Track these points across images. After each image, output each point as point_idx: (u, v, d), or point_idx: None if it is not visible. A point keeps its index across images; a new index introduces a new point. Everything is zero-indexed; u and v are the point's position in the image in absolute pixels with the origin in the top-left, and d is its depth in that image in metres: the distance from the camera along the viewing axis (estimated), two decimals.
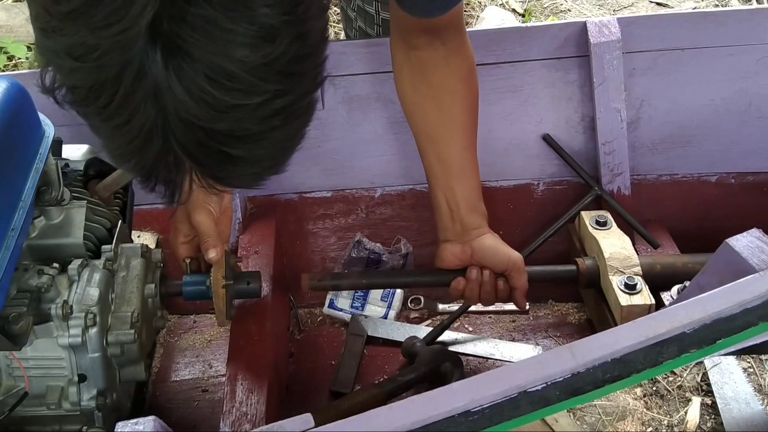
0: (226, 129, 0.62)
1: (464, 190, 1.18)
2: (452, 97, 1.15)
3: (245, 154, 0.65)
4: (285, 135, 0.67)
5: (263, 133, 0.64)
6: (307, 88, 0.67)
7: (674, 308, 0.82)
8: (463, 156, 1.18)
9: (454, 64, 1.14)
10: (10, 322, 0.94)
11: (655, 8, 2.71)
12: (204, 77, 0.59)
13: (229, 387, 1.18)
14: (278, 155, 0.70)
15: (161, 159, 0.64)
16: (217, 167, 0.66)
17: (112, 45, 0.58)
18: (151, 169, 0.66)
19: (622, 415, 1.35)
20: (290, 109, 0.65)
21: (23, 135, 1.01)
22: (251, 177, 0.70)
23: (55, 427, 1.06)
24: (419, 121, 1.18)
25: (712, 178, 1.53)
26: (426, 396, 0.75)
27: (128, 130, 0.62)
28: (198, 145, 0.63)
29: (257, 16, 0.59)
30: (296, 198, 1.54)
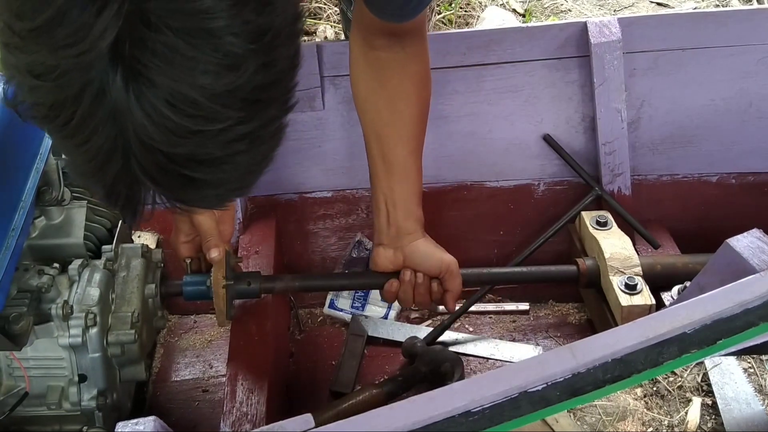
0: (187, 153, 0.62)
1: (403, 194, 1.18)
2: (405, 100, 1.15)
3: (208, 177, 0.64)
4: (251, 159, 0.66)
5: (226, 157, 0.64)
6: (274, 114, 0.66)
7: (675, 308, 0.82)
8: (407, 159, 1.17)
9: (411, 69, 1.15)
10: (11, 322, 0.94)
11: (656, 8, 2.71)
12: (164, 102, 0.59)
13: (229, 387, 1.18)
14: (243, 178, 0.69)
15: (121, 179, 0.63)
16: (178, 190, 0.65)
17: (72, 66, 0.57)
18: (111, 188, 0.65)
19: (623, 415, 1.35)
20: (255, 134, 0.64)
21: (24, 135, 1.01)
22: (214, 199, 0.69)
23: (55, 427, 1.06)
24: (370, 119, 1.18)
25: (713, 178, 1.53)
26: (426, 396, 0.75)
27: (87, 150, 0.62)
28: (158, 169, 0.62)
29: (222, 44, 0.58)
30: (296, 198, 1.54)
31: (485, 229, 1.57)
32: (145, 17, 0.56)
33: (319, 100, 1.46)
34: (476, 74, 1.45)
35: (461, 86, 1.47)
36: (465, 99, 1.47)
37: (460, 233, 1.55)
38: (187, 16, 0.57)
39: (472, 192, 1.55)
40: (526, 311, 1.55)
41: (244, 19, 0.59)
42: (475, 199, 1.55)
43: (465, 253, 1.52)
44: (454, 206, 1.55)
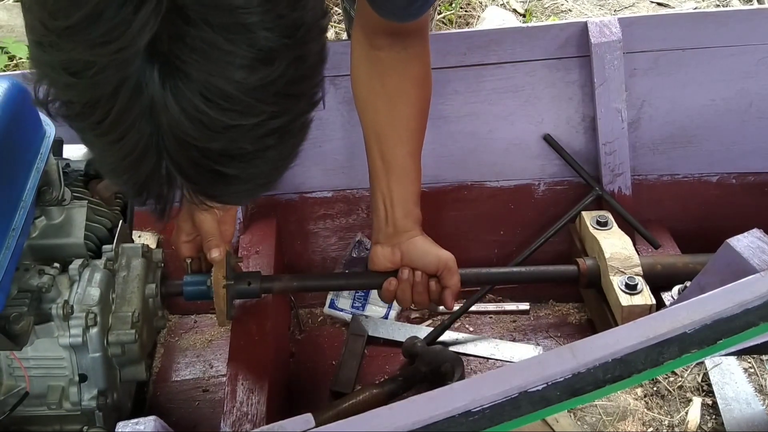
0: (221, 149, 0.62)
1: (402, 193, 1.18)
2: (405, 100, 1.16)
3: (238, 172, 0.65)
4: (279, 154, 0.67)
5: (257, 152, 0.64)
6: (303, 108, 0.67)
7: (675, 308, 0.82)
8: (406, 159, 1.17)
9: (412, 70, 1.15)
10: (11, 322, 0.94)
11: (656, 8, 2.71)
12: (200, 97, 0.59)
13: (229, 387, 1.18)
14: (272, 173, 0.70)
15: (154, 176, 0.64)
16: (209, 185, 0.66)
17: (109, 62, 0.58)
18: (143, 186, 0.65)
19: (623, 415, 1.35)
20: (285, 129, 0.65)
21: (24, 135, 1.01)
22: (244, 194, 0.70)
23: (55, 426, 1.06)
24: (369, 119, 1.18)
25: (713, 178, 1.53)
26: (426, 396, 0.75)
27: (122, 147, 0.62)
28: (191, 164, 0.63)
29: (257, 39, 0.59)
30: (297, 198, 1.54)
31: (485, 229, 1.57)
32: (183, 13, 0.57)
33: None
34: (476, 74, 1.45)
35: (461, 86, 1.47)
36: (465, 99, 1.47)
37: (461, 233, 1.55)
38: (224, 12, 0.58)
39: (473, 192, 1.55)
40: (526, 311, 1.55)
41: (277, 14, 0.60)
42: (475, 199, 1.55)
43: (465, 253, 1.52)
44: (454, 206, 1.55)
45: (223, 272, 1.14)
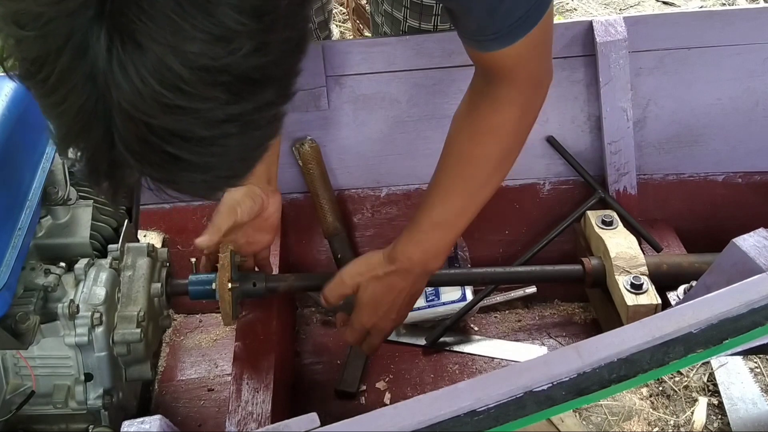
0: (170, 128, 0.58)
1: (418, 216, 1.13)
2: (459, 149, 1.08)
3: (194, 158, 0.61)
4: (242, 145, 0.63)
5: (214, 138, 0.60)
6: (270, 99, 0.62)
7: (681, 308, 0.82)
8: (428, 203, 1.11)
9: (484, 116, 1.05)
10: (17, 321, 0.94)
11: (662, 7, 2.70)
12: (147, 67, 0.56)
13: (234, 386, 1.19)
14: (235, 166, 0.65)
15: (102, 151, 0.60)
16: (161, 168, 0.62)
17: (57, 14, 0.55)
18: (92, 161, 0.62)
19: (629, 415, 1.35)
20: (247, 118, 0.61)
21: (30, 134, 1.01)
22: (204, 186, 0.66)
23: (61, 425, 1.07)
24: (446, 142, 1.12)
25: (719, 177, 1.53)
26: (431, 396, 0.75)
27: (65, 111, 0.59)
28: (139, 141, 0.59)
29: (216, 12, 0.56)
30: (302, 197, 1.54)
31: (490, 229, 1.56)
32: None
33: (324, 100, 1.46)
34: None
35: (466, 85, 1.46)
36: None
37: (465, 233, 1.53)
38: None
39: None
40: (533, 295, 1.52)
41: None
42: None
43: (470, 252, 1.52)
44: None
45: (228, 276, 1.14)
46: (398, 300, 1.17)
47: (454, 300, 1.47)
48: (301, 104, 1.45)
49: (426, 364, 1.45)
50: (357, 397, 1.40)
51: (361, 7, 2.30)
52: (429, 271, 1.16)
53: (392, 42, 1.44)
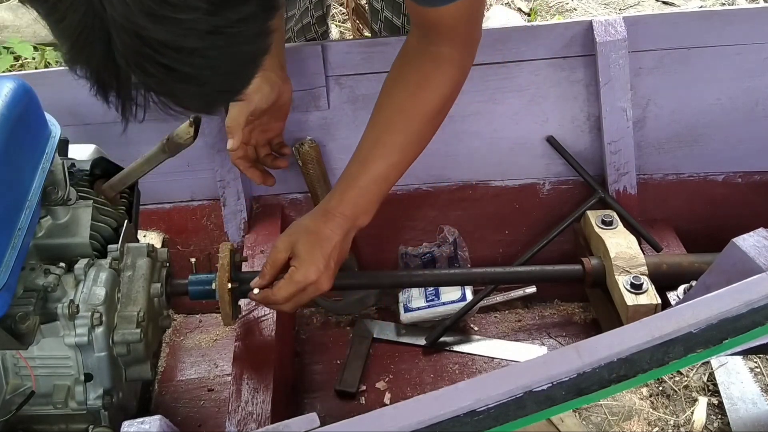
0: (162, 39, 0.63)
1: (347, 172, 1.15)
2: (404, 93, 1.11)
3: (188, 70, 0.66)
4: (232, 58, 0.68)
5: (204, 50, 0.65)
6: (252, 11, 0.66)
7: (681, 308, 0.82)
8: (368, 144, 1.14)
9: (428, 69, 1.10)
10: (17, 322, 0.94)
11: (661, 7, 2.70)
12: None
13: (234, 386, 1.19)
14: (227, 80, 0.70)
15: (105, 66, 0.65)
16: (159, 81, 0.66)
17: None
18: (98, 76, 0.66)
19: (628, 415, 1.35)
20: (233, 30, 0.65)
21: (30, 135, 1.01)
22: (201, 99, 0.71)
23: (61, 425, 1.06)
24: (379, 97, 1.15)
25: (719, 177, 1.53)
26: (431, 396, 0.75)
27: (66, 27, 0.63)
28: (136, 53, 0.63)
29: None
30: (302, 198, 1.55)
31: (490, 229, 1.57)
32: None
33: (324, 100, 1.46)
34: (481, 73, 1.45)
35: (466, 85, 1.45)
36: (470, 98, 1.47)
37: (465, 233, 1.55)
38: None
39: (477, 191, 1.54)
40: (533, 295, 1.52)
41: None
42: (480, 198, 1.55)
43: (470, 252, 1.53)
44: (459, 206, 1.55)
45: (228, 276, 1.14)
46: (334, 254, 1.13)
47: (454, 300, 1.47)
48: (301, 104, 1.45)
49: (426, 364, 1.45)
50: (357, 397, 1.40)
51: (360, 7, 2.30)
52: (358, 226, 1.15)
53: (392, 42, 1.44)
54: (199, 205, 1.54)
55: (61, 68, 1.90)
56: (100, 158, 1.21)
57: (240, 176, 1.48)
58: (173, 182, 1.50)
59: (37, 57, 2.44)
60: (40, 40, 2.48)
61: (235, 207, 1.50)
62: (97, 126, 1.43)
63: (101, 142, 1.26)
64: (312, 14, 1.58)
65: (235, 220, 1.51)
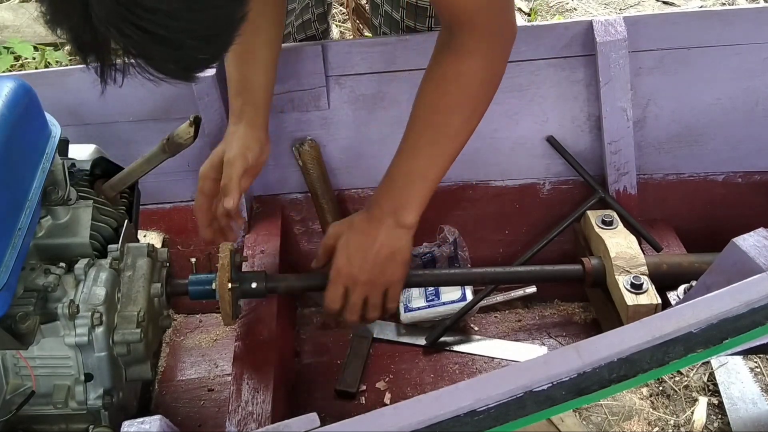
0: (136, 1, 0.65)
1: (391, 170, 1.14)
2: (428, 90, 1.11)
3: (164, 33, 0.67)
4: (208, 22, 0.70)
5: (179, 12, 0.67)
6: None
7: (681, 308, 0.82)
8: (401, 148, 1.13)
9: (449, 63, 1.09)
10: (17, 321, 0.94)
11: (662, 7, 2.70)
12: None
13: (234, 386, 1.19)
14: (204, 44, 0.71)
15: (83, 28, 0.67)
16: (136, 43, 0.68)
17: None
18: (77, 38, 0.68)
19: (629, 414, 1.35)
20: None
21: (30, 135, 1.01)
22: (178, 63, 0.72)
23: (61, 425, 1.06)
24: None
25: (719, 177, 1.53)
26: (432, 396, 0.75)
27: None
28: (113, 15, 0.65)
29: None
30: (302, 197, 1.55)
31: (490, 229, 1.57)
32: None
33: (324, 100, 1.46)
34: None
35: None
36: None
37: (466, 232, 1.55)
38: None
39: (478, 191, 1.55)
40: (533, 295, 1.52)
41: None
42: (480, 198, 1.55)
43: (470, 252, 1.52)
44: (459, 205, 1.55)
45: (228, 276, 1.14)
46: (373, 248, 1.13)
47: (454, 300, 1.47)
48: (301, 104, 1.45)
49: (426, 364, 1.45)
50: (357, 397, 1.40)
51: (361, 7, 2.31)
52: (401, 223, 1.14)
53: (392, 42, 1.44)
54: None
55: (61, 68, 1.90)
56: (100, 158, 1.21)
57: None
58: (173, 182, 1.50)
59: (37, 57, 2.44)
60: (40, 40, 2.48)
61: None
62: (97, 126, 1.43)
63: (101, 142, 1.26)
64: (312, 11, 1.58)
65: None
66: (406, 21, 1.49)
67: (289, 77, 1.38)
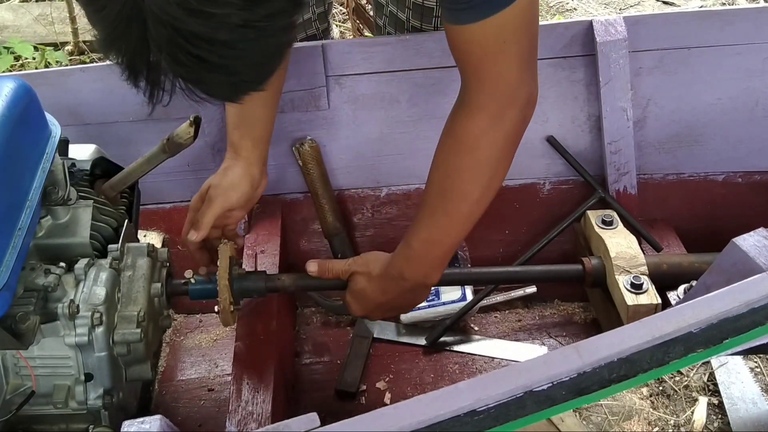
0: (195, 31, 0.66)
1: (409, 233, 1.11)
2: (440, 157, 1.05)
3: (218, 60, 0.69)
4: (260, 50, 0.71)
5: (234, 42, 0.68)
6: (281, 7, 0.70)
7: (681, 308, 0.82)
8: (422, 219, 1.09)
9: (457, 123, 1.02)
10: (17, 321, 0.94)
11: (662, 7, 2.70)
12: None
13: (234, 386, 1.19)
14: (255, 70, 0.74)
15: (139, 53, 0.68)
16: (190, 70, 0.69)
17: None
18: (130, 63, 0.70)
19: (629, 414, 1.35)
20: (262, 25, 0.69)
21: (30, 135, 1.01)
22: (229, 88, 0.74)
23: (62, 425, 1.06)
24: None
25: (719, 177, 1.53)
26: (431, 396, 0.75)
27: (105, 16, 0.67)
28: (170, 43, 0.67)
29: None
30: (302, 197, 1.55)
31: (491, 229, 1.56)
32: None
33: (324, 100, 1.46)
34: None
35: None
36: None
37: None
38: None
39: None
40: (533, 295, 1.52)
41: None
42: None
43: (471, 252, 1.52)
44: None
45: (228, 275, 1.14)
46: (386, 304, 1.17)
47: (455, 300, 1.47)
48: (301, 104, 1.45)
49: (426, 364, 1.45)
50: (357, 397, 1.40)
51: (361, 7, 2.30)
52: (426, 284, 1.15)
53: (392, 42, 1.44)
54: None
55: (61, 68, 1.90)
56: (100, 158, 1.21)
57: None
58: (173, 182, 1.50)
59: (37, 57, 2.44)
60: (40, 40, 2.49)
61: None
62: (97, 126, 1.43)
63: (101, 142, 1.26)
64: (313, 9, 1.58)
65: None
66: (412, 21, 1.49)
67: (289, 77, 1.38)
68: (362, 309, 1.19)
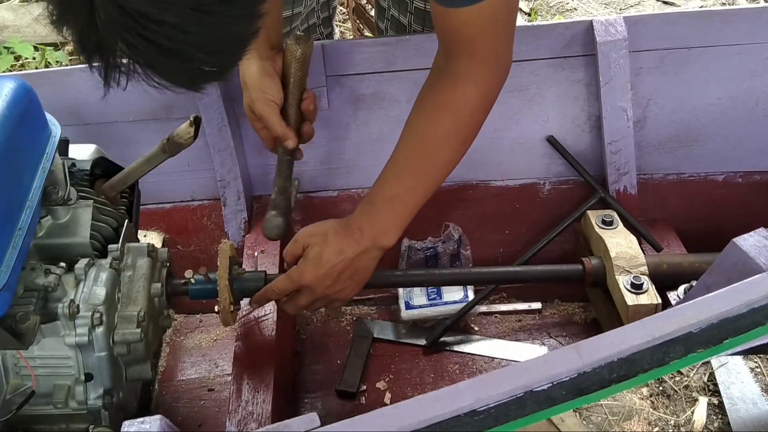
0: (142, 11, 0.64)
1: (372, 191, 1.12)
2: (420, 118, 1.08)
3: (169, 44, 0.66)
4: (218, 38, 0.69)
5: (186, 26, 0.66)
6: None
7: (681, 308, 0.82)
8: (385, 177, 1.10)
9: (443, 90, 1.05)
10: (18, 321, 0.94)
11: (662, 7, 2.70)
12: None
13: (235, 386, 1.19)
14: (213, 58, 0.71)
15: (88, 32, 0.66)
16: (140, 52, 0.67)
17: None
18: (81, 41, 0.68)
19: (629, 414, 1.35)
20: (217, 9, 0.66)
21: (30, 135, 1.01)
22: (184, 74, 0.72)
23: (62, 425, 1.07)
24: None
25: (719, 177, 1.53)
26: (432, 396, 0.75)
27: None
28: (119, 24, 0.65)
29: None
30: (302, 197, 1.54)
31: (491, 229, 1.57)
32: None
33: (324, 99, 1.46)
34: None
35: None
36: None
37: (466, 232, 1.55)
38: None
39: (478, 191, 1.54)
40: (539, 310, 1.53)
41: None
42: (480, 198, 1.55)
43: (471, 252, 1.52)
44: (459, 205, 1.55)
45: (228, 275, 1.14)
46: (340, 267, 1.12)
47: (457, 300, 1.47)
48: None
49: (426, 364, 1.45)
50: (357, 397, 1.40)
51: (361, 7, 2.30)
52: (379, 246, 1.13)
53: (392, 42, 1.44)
54: (200, 204, 1.54)
55: (61, 68, 1.90)
56: (100, 158, 1.21)
57: (240, 176, 1.48)
58: (173, 182, 1.50)
59: (37, 57, 2.44)
60: (40, 40, 2.48)
61: (235, 207, 1.50)
62: (97, 126, 1.43)
63: (101, 142, 1.26)
64: (318, 15, 1.58)
65: (236, 219, 1.51)
66: (413, 26, 1.49)
67: None
68: (314, 276, 1.12)
